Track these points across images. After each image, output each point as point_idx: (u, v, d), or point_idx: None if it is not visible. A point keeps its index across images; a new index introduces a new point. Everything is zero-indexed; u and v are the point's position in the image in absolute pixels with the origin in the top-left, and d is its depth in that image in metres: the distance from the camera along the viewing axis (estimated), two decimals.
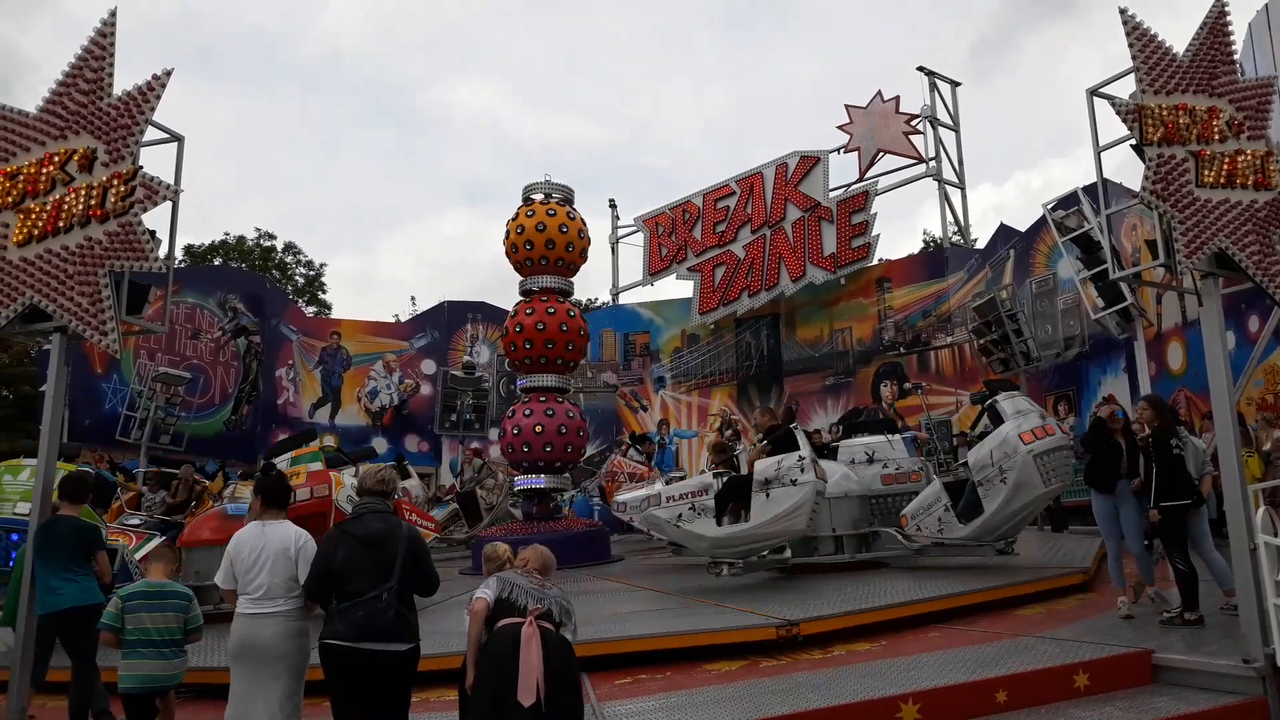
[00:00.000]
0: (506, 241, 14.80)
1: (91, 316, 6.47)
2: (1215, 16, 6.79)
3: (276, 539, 5.07)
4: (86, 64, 6.78)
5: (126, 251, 6.58)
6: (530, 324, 14.37)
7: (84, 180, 6.63)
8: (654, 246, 24.90)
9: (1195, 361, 12.68)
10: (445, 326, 25.41)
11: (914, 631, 7.66)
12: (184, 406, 19.55)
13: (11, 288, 6.48)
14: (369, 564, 4.73)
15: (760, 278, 22.78)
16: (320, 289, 41.76)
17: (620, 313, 26.21)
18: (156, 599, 5.55)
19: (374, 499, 5.08)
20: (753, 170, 23.43)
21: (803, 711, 5.55)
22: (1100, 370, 16.08)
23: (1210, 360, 6.46)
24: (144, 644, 5.38)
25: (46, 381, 6.90)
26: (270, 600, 4.94)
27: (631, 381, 25.00)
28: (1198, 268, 6.43)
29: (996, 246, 19.66)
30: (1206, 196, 6.45)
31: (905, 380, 21.04)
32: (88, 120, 6.71)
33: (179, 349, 21.11)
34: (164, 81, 6.85)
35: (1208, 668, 6.11)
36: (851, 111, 22.33)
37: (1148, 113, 6.48)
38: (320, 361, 24.10)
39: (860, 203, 21.65)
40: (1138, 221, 14.09)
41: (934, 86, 22.06)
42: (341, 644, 4.60)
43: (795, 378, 23.02)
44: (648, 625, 7.94)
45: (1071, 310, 16.70)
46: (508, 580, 4.75)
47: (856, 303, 22.29)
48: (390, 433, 24.01)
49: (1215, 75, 6.73)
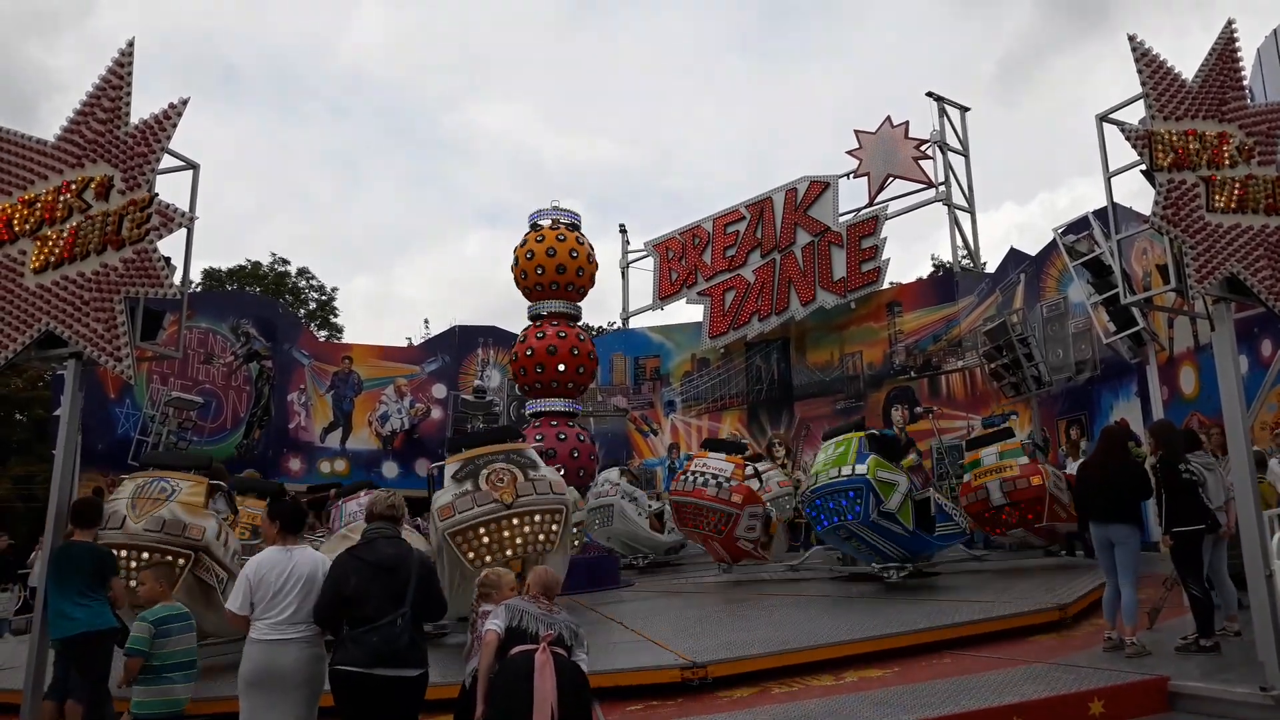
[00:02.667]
0: (515, 268, 14.88)
1: (106, 343, 6.51)
2: (1225, 43, 6.82)
3: (305, 563, 5.03)
4: (104, 93, 6.86)
5: (142, 278, 6.63)
6: (541, 348, 14.42)
7: (100, 208, 6.69)
8: (664, 271, 24.98)
9: (1208, 386, 12.62)
10: (456, 351, 25.49)
11: (926, 658, 7.60)
12: (196, 431, 19.66)
13: (28, 314, 6.53)
14: (382, 590, 4.71)
15: (770, 302, 22.82)
16: (333, 313, 42.01)
17: (630, 337, 26.27)
18: (182, 620, 5.59)
19: (384, 524, 5.06)
20: (762, 195, 23.52)
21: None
22: (1112, 394, 16.00)
23: (1223, 385, 6.43)
24: (173, 668, 5.40)
25: (61, 406, 6.94)
26: (294, 625, 4.88)
27: (642, 405, 25.01)
28: (1209, 292, 6.41)
29: (1007, 271, 19.64)
30: (1218, 221, 6.45)
31: (917, 404, 20.99)
32: (105, 149, 6.79)
33: (191, 374, 21.22)
34: (180, 110, 6.92)
35: (1225, 695, 6.04)
36: (861, 137, 22.41)
37: (1158, 138, 6.50)
38: (332, 386, 24.18)
39: (870, 227, 21.68)
40: (1148, 246, 14.06)
41: (943, 111, 22.13)
42: (354, 670, 4.57)
43: (806, 402, 22.99)
44: (650, 658, 7.90)
45: (1083, 334, 16.64)
46: (516, 608, 4.75)
47: (867, 327, 22.28)
48: (401, 457, 24.03)
49: (1225, 101, 6.75)
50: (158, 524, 7.83)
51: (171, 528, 7.86)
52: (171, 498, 8.10)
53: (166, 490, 8.18)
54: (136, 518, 7.83)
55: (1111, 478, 7.59)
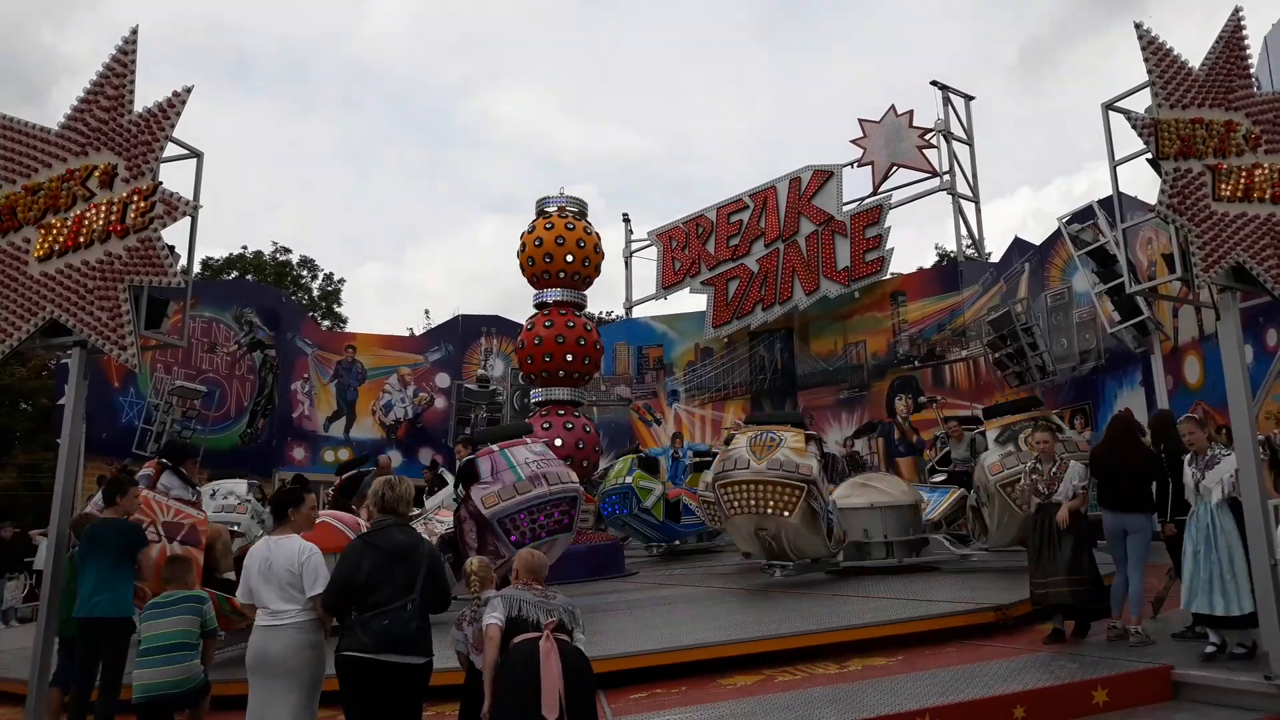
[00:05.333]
0: (523, 254, 14.85)
1: (111, 331, 6.51)
2: (1231, 30, 6.78)
3: (283, 554, 5.06)
4: (108, 81, 6.85)
5: (146, 267, 6.62)
6: (550, 336, 14.40)
7: (104, 196, 6.68)
8: (667, 260, 24.95)
9: (1213, 375, 12.60)
10: (459, 340, 25.52)
11: (931, 647, 7.61)
12: (200, 420, 19.70)
13: (32, 302, 6.53)
14: (394, 576, 4.75)
15: (774, 291, 22.78)
16: (336, 302, 42.03)
17: (634, 326, 26.26)
18: (170, 607, 5.64)
19: (395, 517, 5.09)
20: (766, 184, 23.47)
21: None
22: (1117, 384, 15.99)
23: (1229, 375, 6.41)
24: (151, 650, 5.44)
25: (65, 395, 6.95)
26: (282, 613, 4.93)
27: (645, 395, 25.02)
28: (1215, 281, 6.39)
29: (1011, 260, 19.61)
30: (1224, 210, 6.42)
31: (920, 394, 20.98)
32: (109, 137, 6.77)
33: (195, 363, 21.25)
34: (184, 98, 6.90)
35: (1229, 684, 6.05)
36: (865, 126, 22.35)
37: (1164, 127, 6.47)
38: (335, 375, 24.23)
39: (874, 216, 21.63)
40: (1153, 235, 14.03)
41: (948, 100, 22.08)
42: (361, 655, 4.60)
43: (810, 391, 22.98)
44: (669, 638, 7.92)
45: (1087, 324, 16.62)
46: (513, 598, 4.77)
47: (871, 316, 22.26)
48: (404, 446, 24.08)
49: (1232, 89, 6.71)
50: (777, 464, 10.03)
51: (788, 466, 10.01)
52: (781, 444, 10.23)
53: (775, 439, 10.34)
54: (758, 460, 10.16)
55: (1127, 465, 7.58)
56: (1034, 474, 7.76)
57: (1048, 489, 7.58)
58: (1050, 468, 7.63)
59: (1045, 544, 7.47)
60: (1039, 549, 7.51)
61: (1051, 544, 7.43)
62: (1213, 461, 6.88)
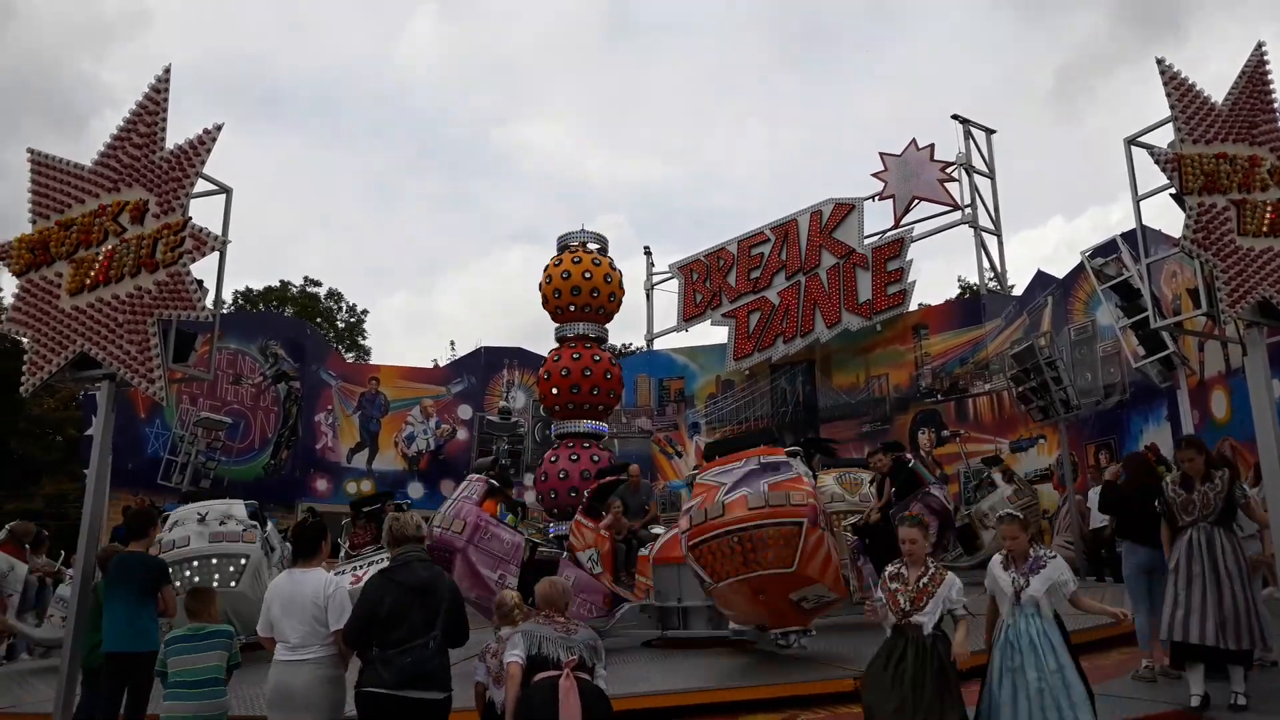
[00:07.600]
0: (548, 286, 14.97)
1: (139, 364, 6.60)
2: (1254, 65, 6.79)
3: (308, 587, 5.04)
4: (141, 119, 6.99)
5: (175, 301, 6.72)
6: (576, 369, 14.50)
7: (135, 231, 6.80)
8: (688, 293, 24.98)
9: (1240, 410, 12.46)
10: (482, 372, 25.60)
11: (964, 685, 7.48)
12: (224, 451, 19.80)
13: (63, 336, 6.64)
14: (415, 612, 4.74)
15: (795, 324, 22.73)
16: (361, 334, 42.34)
17: (655, 358, 26.27)
18: (196, 641, 5.64)
19: (413, 545, 5.08)
20: (787, 217, 23.49)
21: None
22: (1142, 418, 15.83)
23: (1256, 410, 6.36)
24: (178, 685, 5.45)
25: (93, 426, 7.03)
26: (304, 648, 4.91)
27: (666, 427, 24.97)
28: (1241, 317, 6.36)
29: (1034, 293, 19.52)
30: (1249, 245, 6.40)
31: (943, 428, 20.85)
32: (140, 173, 6.90)
33: (220, 394, 21.44)
34: (214, 135, 7.03)
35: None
36: (886, 159, 22.40)
37: (1187, 162, 6.46)
38: (359, 407, 24.33)
39: (895, 249, 21.60)
40: (1177, 269, 13.95)
41: (968, 134, 22.10)
42: (382, 692, 4.59)
43: (831, 424, 22.85)
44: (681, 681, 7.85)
45: (1111, 357, 16.49)
46: (534, 634, 4.74)
47: (893, 349, 22.16)
48: (427, 478, 24.12)
49: (1255, 124, 6.71)
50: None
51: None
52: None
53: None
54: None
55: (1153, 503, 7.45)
56: (894, 581, 5.59)
57: (911, 604, 5.44)
58: (918, 575, 5.52)
59: (895, 681, 5.28)
60: (889, 685, 5.28)
61: (909, 681, 5.25)
62: (1037, 565, 5.59)
